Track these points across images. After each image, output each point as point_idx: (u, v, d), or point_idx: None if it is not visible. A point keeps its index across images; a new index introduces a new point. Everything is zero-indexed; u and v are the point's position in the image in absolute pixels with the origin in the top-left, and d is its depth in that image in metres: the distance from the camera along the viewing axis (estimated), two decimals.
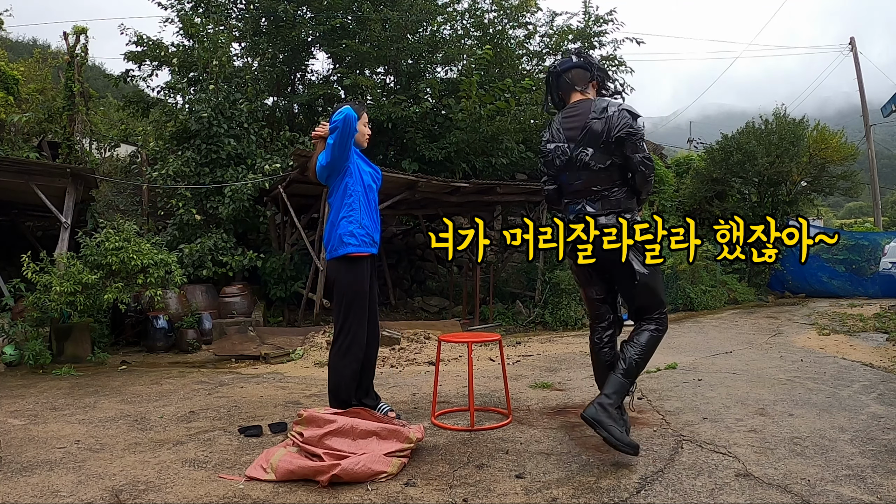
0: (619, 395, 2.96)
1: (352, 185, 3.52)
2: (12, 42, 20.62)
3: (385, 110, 10.01)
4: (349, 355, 3.44)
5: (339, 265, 3.49)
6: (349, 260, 3.45)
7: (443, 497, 2.55)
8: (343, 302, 3.48)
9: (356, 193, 3.51)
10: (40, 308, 6.10)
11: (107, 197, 10.93)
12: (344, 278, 3.47)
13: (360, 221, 3.49)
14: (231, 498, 2.58)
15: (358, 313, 3.47)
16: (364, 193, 3.55)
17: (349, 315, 3.45)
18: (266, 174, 8.75)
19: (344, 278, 3.47)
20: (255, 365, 6.28)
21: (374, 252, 3.56)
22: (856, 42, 19.98)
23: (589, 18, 12.35)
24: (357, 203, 3.50)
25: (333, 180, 3.55)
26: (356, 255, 3.45)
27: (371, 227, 3.56)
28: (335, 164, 3.46)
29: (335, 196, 3.55)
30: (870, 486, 2.55)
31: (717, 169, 13.27)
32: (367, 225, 3.53)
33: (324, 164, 3.51)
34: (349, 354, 3.44)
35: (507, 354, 6.08)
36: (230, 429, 3.62)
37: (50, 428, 3.72)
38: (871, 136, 19.27)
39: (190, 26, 9.84)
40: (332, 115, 3.42)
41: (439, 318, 9.60)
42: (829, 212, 32.78)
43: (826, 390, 4.33)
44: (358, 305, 3.47)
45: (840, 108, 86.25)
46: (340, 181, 3.53)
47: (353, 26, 10.92)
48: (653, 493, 2.54)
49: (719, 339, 7.29)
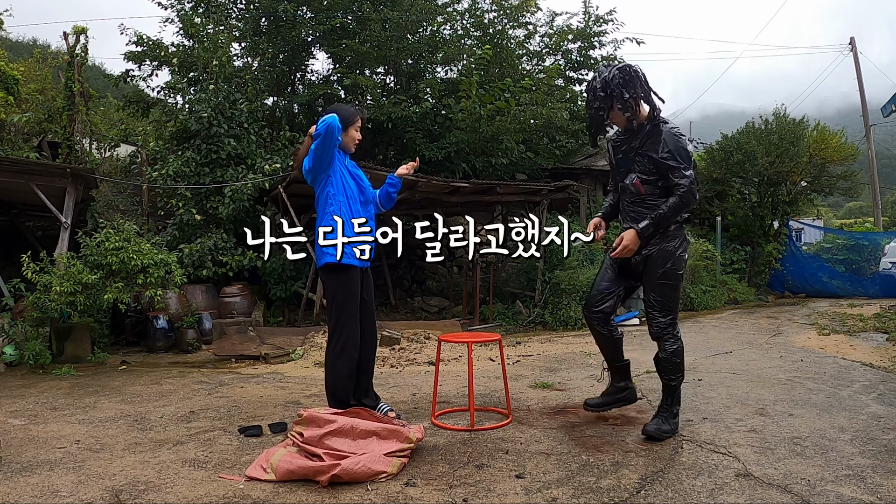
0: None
1: (332, 195, 3.48)
2: (12, 42, 20.60)
3: (385, 110, 10.01)
4: (343, 355, 3.48)
5: (325, 272, 3.54)
6: (332, 268, 3.47)
7: (443, 497, 2.55)
8: (333, 305, 3.54)
9: (338, 203, 3.46)
10: (40, 308, 6.09)
11: (107, 197, 10.91)
12: (331, 284, 3.55)
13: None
14: (231, 498, 2.58)
15: (348, 315, 3.50)
16: (347, 203, 3.49)
17: (340, 317, 3.50)
18: (266, 174, 8.75)
19: (331, 284, 3.55)
20: (255, 365, 6.28)
21: (355, 264, 3.48)
22: (856, 42, 19.98)
23: (589, 18, 12.36)
24: (339, 212, 3.43)
25: (316, 187, 3.55)
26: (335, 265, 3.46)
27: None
28: (315, 170, 3.46)
29: (319, 205, 3.55)
30: (870, 486, 2.55)
31: (717, 169, 13.26)
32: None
33: (307, 167, 3.51)
34: (343, 354, 3.48)
35: (507, 354, 6.07)
36: (230, 429, 3.62)
37: (50, 428, 3.71)
38: (871, 136, 19.25)
39: (190, 26, 9.83)
40: (319, 119, 3.41)
41: (439, 318, 9.59)
42: (829, 212, 32.77)
43: (826, 390, 4.33)
44: (347, 308, 3.50)
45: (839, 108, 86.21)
46: (322, 190, 3.51)
47: (353, 26, 10.92)
48: (653, 493, 2.54)
49: (719, 339, 7.29)
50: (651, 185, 3.25)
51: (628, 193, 3.33)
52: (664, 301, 3.28)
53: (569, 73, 12.59)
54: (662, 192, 3.24)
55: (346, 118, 3.51)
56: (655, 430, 3.20)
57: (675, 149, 3.18)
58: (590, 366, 5.55)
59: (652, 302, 3.29)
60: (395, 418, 3.43)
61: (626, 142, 3.35)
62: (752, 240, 13.35)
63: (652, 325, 3.32)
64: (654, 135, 3.23)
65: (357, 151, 3.82)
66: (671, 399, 3.31)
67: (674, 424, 3.29)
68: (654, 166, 3.21)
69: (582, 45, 12.43)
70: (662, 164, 3.19)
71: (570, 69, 12.62)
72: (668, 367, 3.30)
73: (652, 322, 3.32)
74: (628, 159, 3.35)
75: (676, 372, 3.30)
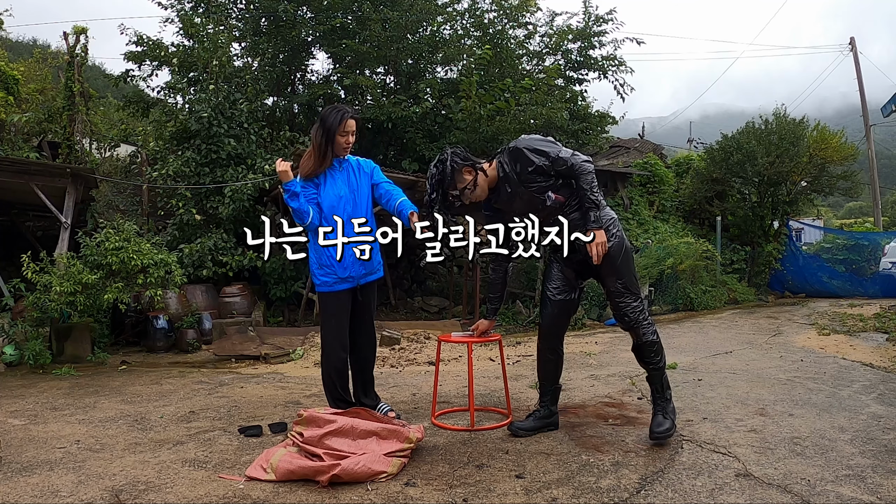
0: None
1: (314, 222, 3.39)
2: (12, 42, 20.62)
3: (385, 110, 10.01)
4: (332, 354, 3.53)
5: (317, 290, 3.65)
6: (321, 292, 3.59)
7: (443, 497, 2.55)
8: (322, 315, 3.66)
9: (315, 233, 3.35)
10: (40, 308, 6.09)
11: (107, 197, 10.91)
12: (320, 300, 3.66)
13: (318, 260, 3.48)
14: (231, 498, 2.58)
15: (332, 316, 3.55)
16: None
17: (325, 317, 3.60)
18: (266, 174, 8.75)
19: (320, 300, 3.66)
20: (255, 365, 6.28)
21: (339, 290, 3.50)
22: (856, 42, 19.98)
23: (589, 18, 12.35)
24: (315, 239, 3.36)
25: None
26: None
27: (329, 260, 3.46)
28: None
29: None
30: (870, 486, 2.55)
31: (717, 169, 13.26)
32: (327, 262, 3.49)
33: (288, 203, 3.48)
34: (332, 353, 3.53)
35: (507, 354, 6.07)
36: (230, 429, 3.62)
37: (50, 428, 3.71)
38: (871, 136, 19.25)
39: (190, 26, 9.83)
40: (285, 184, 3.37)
41: (439, 318, 9.59)
42: (829, 212, 32.76)
43: (826, 390, 4.33)
44: (331, 312, 3.55)
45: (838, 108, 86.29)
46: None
47: (353, 26, 10.92)
48: (653, 493, 2.54)
49: (719, 339, 7.29)
50: (560, 191, 3.22)
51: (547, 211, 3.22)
52: (629, 281, 3.23)
53: (569, 73, 12.58)
54: (567, 191, 3.22)
55: (329, 128, 3.41)
56: (660, 431, 3.15)
57: (535, 150, 3.18)
58: (589, 366, 5.55)
59: (620, 289, 3.22)
60: (395, 418, 3.44)
61: (500, 196, 3.33)
62: (752, 240, 13.34)
63: (627, 313, 3.23)
64: (516, 161, 3.21)
65: (357, 152, 3.80)
66: (661, 385, 3.27)
67: (672, 413, 3.26)
68: (542, 175, 3.19)
69: (582, 45, 12.42)
70: (543, 168, 3.17)
71: (570, 69, 12.61)
72: (651, 350, 3.24)
73: (626, 309, 3.23)
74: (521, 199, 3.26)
75: (659, 354, 3.26)
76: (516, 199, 3.29)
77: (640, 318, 3.24)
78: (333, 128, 3.42)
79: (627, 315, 3.24)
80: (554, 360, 3.48)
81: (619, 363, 5.65)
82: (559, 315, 3.42)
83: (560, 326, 3.46)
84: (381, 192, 3.60)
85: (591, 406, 4.04)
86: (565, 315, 3.45)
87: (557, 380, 3.53)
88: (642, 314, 3.25)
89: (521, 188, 3.25)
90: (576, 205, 3.22)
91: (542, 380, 3.53)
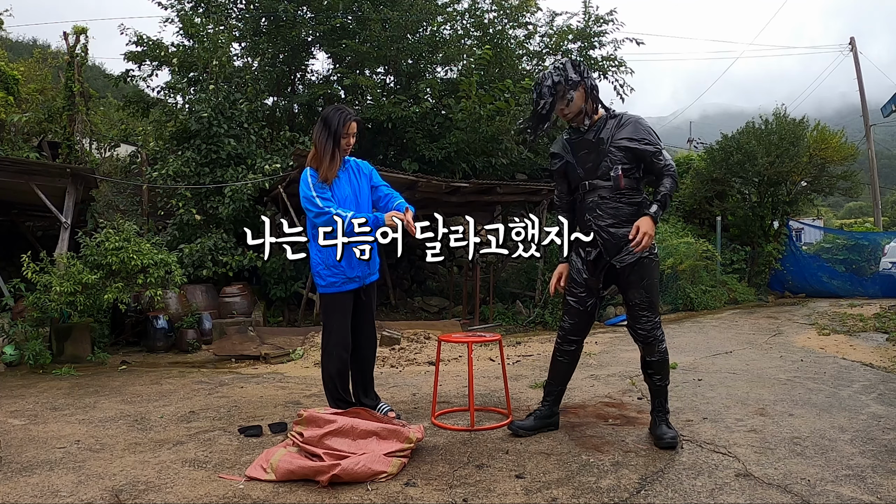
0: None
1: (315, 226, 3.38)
2: (12, 42, 20.62)
3: (385, 110, 10.00)
4: (334, 355, 3.53)
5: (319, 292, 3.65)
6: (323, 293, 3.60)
7: (443, 497, 2.55)
8: (323, 314, 3.67)
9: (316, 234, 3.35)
10: (40, 308, 6.09)
11: (107, 197, 10.91)
12: (322, 301, 3.67)
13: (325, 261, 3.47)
14: (231, 498, 2.58)
15: (337, 316, 3.55)
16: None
17: (329, 318, 3.59)
18: (266, 174, 8.75)
19: (322, 301, 3.67)
20: (255, 365, 6.28)
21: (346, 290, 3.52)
22: (856, 42, 19.98)
23: (589, 18, 12.34)
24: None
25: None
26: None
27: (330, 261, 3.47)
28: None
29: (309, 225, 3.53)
30: (870, 486, 2.55)
31: (717, 169, 13.26)
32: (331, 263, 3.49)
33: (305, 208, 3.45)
34: (334, 354, 3.53)
35: (507, 354, 6.08)
36: (230, 429, 3.62)
37: (50, 428, 3.71)
38: (871, 136, 19.25)
39: (190, 26, 9.83)
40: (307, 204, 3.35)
41: (439, 318, 9.60)
42: (829, 212, 32.78)
43: (826, 390, 4.33)
44: (336, 313, 3.55)
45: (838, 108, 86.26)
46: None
47: (353, 26, 10.92)
48: (653, 493, 2.54)
49: (719, 339, 7.29)
50: (630, 178, 3.18)
51: (602, 190, 3.19)
52: (652, 298, 3.23)
53: None
54: (635, 183, 3.20)
55: (335, 131, 3.42)
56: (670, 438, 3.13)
57: (649, 133, 3.16)
58: (589, 366, 5.55)
59: (641, 303, 3.21)
60: (395, 418, 3.44)
61: (584, 137, 3.25)
62: (752, 240, 13.35)
63: (643, 327, 3.22)
64: (624, 124, 3.18)
65: (357, 152, 3.81)
66: (663, 399, 3.28)
67: (670, 423, 3.29)
68: (632, 155, 3.16)
69: (582, 46, 12.42)
70: (641, 150, 3.13)
71: None
72: (660, 368, 3.25)
73: (643, 323, 3.21)
74: (596, 154, 3.21)
75: (666, 371, 3.29)
76: (593, 153, 3.22)
77: (655, 332, 3.23)
78: (339, 130, 3.43)
79: (644, 328, 3.23)
80: (568, 363, 3.47)
81: (619, 363, 5.65)
82: (580, 321, 3.41)
83: (581, 331, 3.44)
84: (381, 195, 3.63)
85: (591, 406, 4.04)
86: (587, 320, 3.43)
87: (566, 382, 3.53)
88: (658, 330, 3.24)
89: (607, 146, 3.17)
90: (626, 198, 3.18)
91: (551, 379, 3.54)
